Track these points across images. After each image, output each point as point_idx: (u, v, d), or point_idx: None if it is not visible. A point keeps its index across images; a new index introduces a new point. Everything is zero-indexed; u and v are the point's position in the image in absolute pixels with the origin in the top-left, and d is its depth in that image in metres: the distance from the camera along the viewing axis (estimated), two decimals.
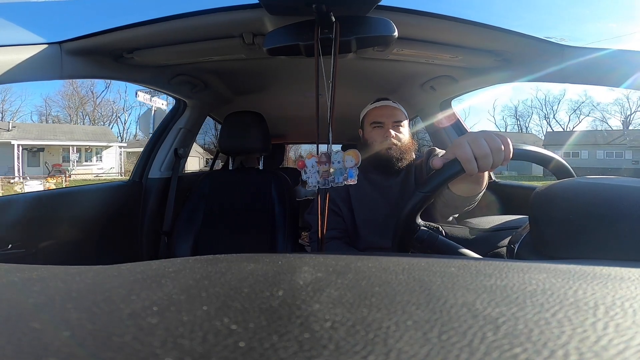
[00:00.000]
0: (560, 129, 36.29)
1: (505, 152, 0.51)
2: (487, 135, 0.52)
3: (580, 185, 0.41)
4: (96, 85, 35.29)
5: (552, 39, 0.81)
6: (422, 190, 0.54)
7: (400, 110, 1.03)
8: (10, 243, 0.91)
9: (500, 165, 0.52)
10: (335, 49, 0.63)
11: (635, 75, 0.74)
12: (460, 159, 0.51)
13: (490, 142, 0.51)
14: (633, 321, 0.14)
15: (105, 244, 1.23)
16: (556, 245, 0.39)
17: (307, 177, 0.60)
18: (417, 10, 0.77)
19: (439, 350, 0.12)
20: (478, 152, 0.50)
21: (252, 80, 1.37)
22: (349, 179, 0.58)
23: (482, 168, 0.51)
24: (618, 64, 0.76)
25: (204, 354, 0.12)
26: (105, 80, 1.78)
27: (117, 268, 0.24)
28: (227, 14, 0.78)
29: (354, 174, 0.58)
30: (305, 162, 0.61)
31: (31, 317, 0.15)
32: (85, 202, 1.17)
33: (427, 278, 0.21)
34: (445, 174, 0.52)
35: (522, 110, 41.54)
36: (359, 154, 0.57)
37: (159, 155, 1.44)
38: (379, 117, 1.02)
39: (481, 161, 0.50)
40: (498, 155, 0.51)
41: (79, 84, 32.93)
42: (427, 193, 0.53)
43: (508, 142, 0.52)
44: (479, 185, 0.68)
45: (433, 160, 0.54)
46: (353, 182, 0.58)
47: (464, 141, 0.51)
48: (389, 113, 1.02)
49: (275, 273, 0.22)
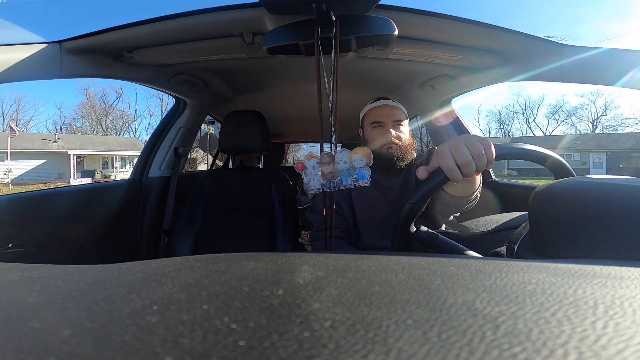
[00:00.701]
0: (541, 133, 38.80)
1: (487, 155, 0.51)
2: (468, 141, 0.51)
3: (580, 185, 0.41)
4: (107, 96, 38.38)
5: (552, 38, 0.81)
6: (410, 201, 0.54)
7: (400, 110, 1.03)
8: (11, 242, 0.91)
9: (485, 168, 0.52)
10: (336, 48, 0.63)
11: (635, 73, 0.74)
12: (443, 168, 0.51)
13: (472, 148, 0.51)
14: (632, 320, 0.14)
15: (105, 243, 1.23)
16: (556, 245, 0.39)
17: (308, 180, 0.56)
18: (417, 10, 0.77)
19: (439, 350, 0.12)
20: (460, 160, 0.50)
21: (252, 79, 1.37)
22: (360, 181, 0.54)
23: (465, 174, 0.51)
24: (618, 63, 0.76)
25: (204, 353, 0.12)
26: (116, 90, 1.78)
27: (117, 267, 0.24)
28: (227, 13, 0.78)
29: (366, 176, 0.54)
30: (305, 163, 0.56)
31: (31, 316, 0.15)
32: (86, 201, 1.17)
33: (427, 277, 0.21)
34: (431, 184, 0.53)
35: (505, 115, 43.61)
36: (370, 152, 0.54)
37: (159, 154, 1.44)
38: (378, 117, 1.02)
39: (464, 168, 0.51)
40: (480, 160, 0.51)
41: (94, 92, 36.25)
42: (415, 204, 0.54)
43: (490, 144, 0.51)
44: (472, 185, 0.68)
45: (418, 170, 0.54)
46: (367, 184, 0.55)
47: (446, 149, 0.51)
48: (388, 112, 1.01)
49: (275, 272, 0.22)
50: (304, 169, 0.57)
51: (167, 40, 0.90)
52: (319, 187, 0.56)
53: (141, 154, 1.47)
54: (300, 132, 2.65)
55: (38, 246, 0.98)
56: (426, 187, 0.53)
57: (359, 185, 0.55)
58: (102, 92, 38.09)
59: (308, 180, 0.56)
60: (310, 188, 0.56)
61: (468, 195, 0.71)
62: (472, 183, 0.68)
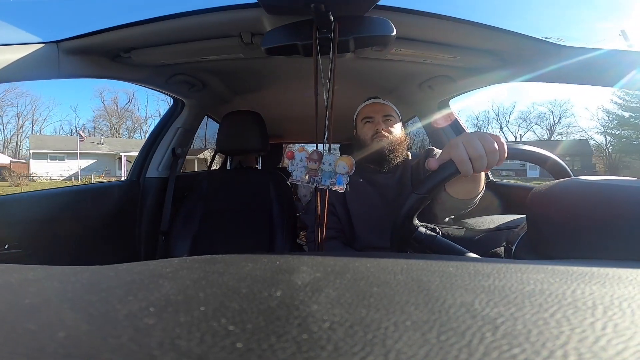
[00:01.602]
0: (513, 138, 42.29)
1: (499, 152, 0.52)
2: (482, 136, 0.52)
3: (578, 185, 0.41)
4: (119, 99, 42.04)
5: (550, 39, 0.81)
6: (418, 191, 0.54)
7: (390, 107, 1.07)
8: (7, 243, 0.90)
9: (496, 165, 0.52)
10: (334, 49, 0.63)
11: (632, 74, 0.75)
12: (455, 160, 0.51)
13: (485, 143, 0.51)
14: (631, 321, 0.14)
15: (103, 243, 1.22)
16: (554, 245, 0.39)
17: (292, 169, 0.59)
18: (415, 10, 0.77)
19: (438, 351, 0.12)
20: (472, 153, 0.50)
21: (250, 79, 1.37)
22: (336, 185, 0.56)
23: (477, 169, 0.51)
24: (615, 64, 0.77)
25: (202, 355, 0.12)
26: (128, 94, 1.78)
27: (114, 268, 0.24)
28: (225, 13, 0.78)
29: (343, 182, 0.56)
30: (295, 154, 0.59)
31: (27, 318, 0.15)
32: (83, 202, 1.17)
33: (426, 278, 0.21)
34: (441, 175, 0.53)
35: (482, 120, 46.44)
36: (354, 161, 0.56)
37: (156, 154, 1.44)
38: (369, 113, 1.05)
39: (476, 162, 0.51)
40: (493, 155, 0.51)
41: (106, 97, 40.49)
42: (424, 195, 0.53)
43: (502, 142, 0.52)
44: (477, 186, 0.68)
45: (429, 161, 0.54)
46: (340, 190, 0.56)
47: (459, 142, 0.52)
48: (378, 108, 1.05)
49: (273, 273, 0.22)
50: (292, 158, 0.59)
51: (164, 41, 0.89)
52: (298, 179, 0.58)
53: (139, 154, 1.47)
54: (298, 132, 2.65)
55: (35, 247, 0.97)
56: (436, 178, 0.53)
57: (334, 189, 0.56)
58: (115, 94, 41.40)
59: (292, 169, 0.59)
60: (292, 177, 0.59)
61: (471, 199, 0.71)
62: (477, 185, 0.67)
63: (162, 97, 39.57)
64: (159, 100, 42.82)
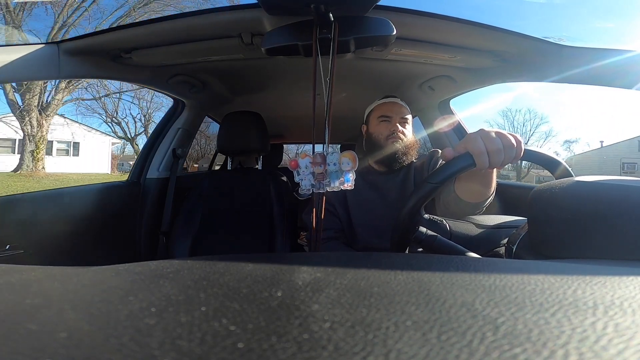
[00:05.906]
0: None
1: (516, 149, 0.52)
2: (500, 132, 0.52)
3: (579, 185, 0.41)
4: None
5: (550, 39, 0.81)
6: (431, 181, 0.52)
7: (406, 108, 1.05)
8: (8, 244, 0.90)
9: (511, 162, 0.53)
10: (334, 49, 0.63)
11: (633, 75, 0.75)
12: (473, 152, 0.51)
13: (503, 139, 0.51)
14: (632, 321, 0.14)
15: (103, 244, 1.22)
16: (555, 245, 0.39)
17: (300, 179, 0.56)
18: (415, 10, 0.77)
19: (439, 351, 0.12)
20: (491, 146, 0.50)
21: (251, 80, 1.37)
22: (345, 183, 0.55)
23: (493, 163, 0.51)
24: (616, 64, 0.76)
25: (203, 355, 0.12)
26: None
27: (115, 268, 0.24)
28: (225, 13, 0.78)
29: (350, 179, 0.55)
30: (299, 162, 0.56)
31: (28, 318, 0.15)
32: (84, 202, 1.17)
33: (426, 278, 0.21)
34: (457, 166, 0.52)
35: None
36: (356, 156, 0.54)
37: (157, 155, 1.44)
38: (387, 112, 1.03)
39: (493, 156, 0.51)
40: (509, 151, 0.51)
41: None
42: (437, 184, 0.52)
43: (520, 140, 0.52)
44: (487, 189, 0.67)
45: (444, 151, 0.53)
46: (350, 187, 0.55)
47: (477, 135, 0.52)
48: (397, 109, 1.03)
49: (273, 273, 0.22)
50: (297, 167, 0.56)
51: (165, 41, 0.89)
52: (309, 188, 0.56)
53: (139, 155, 1.47)
54: (299, 133, 2.65)
55: (36, 247, 0.97)
56: (451, 168, 0.52)
57: (344, 188, 0.55)
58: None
59: (300, 179, 0.56)
60: (302, 188, 0.56)
61: (479, 202, 0.70)
62: (488, 187, 0.66)
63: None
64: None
